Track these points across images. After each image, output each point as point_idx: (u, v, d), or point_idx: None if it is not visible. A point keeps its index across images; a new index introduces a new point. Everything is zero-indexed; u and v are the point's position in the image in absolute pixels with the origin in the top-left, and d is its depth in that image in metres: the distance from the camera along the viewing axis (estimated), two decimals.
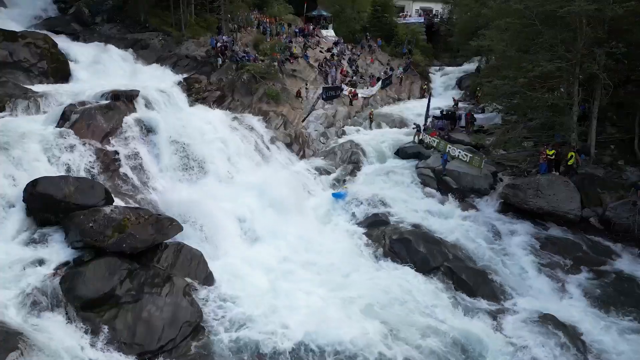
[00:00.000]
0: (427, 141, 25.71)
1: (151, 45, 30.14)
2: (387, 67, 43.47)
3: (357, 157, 25.47)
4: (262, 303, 13.72)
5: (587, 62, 19.16)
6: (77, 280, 12.02)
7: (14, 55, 22.71)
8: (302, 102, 30.21)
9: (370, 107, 34.93)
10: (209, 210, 16.69)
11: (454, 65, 50.17)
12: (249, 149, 22.91)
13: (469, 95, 38.52)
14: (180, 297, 12.87)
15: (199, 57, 29.94)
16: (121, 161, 17.92)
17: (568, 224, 18.81)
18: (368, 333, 12.68)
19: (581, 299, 15.12)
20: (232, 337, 12.32)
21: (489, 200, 21.28)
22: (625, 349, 12.88)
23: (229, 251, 16.16)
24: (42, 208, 14.00)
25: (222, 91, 27.31)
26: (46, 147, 16.43)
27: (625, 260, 16.92)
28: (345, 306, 13.95)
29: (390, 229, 18.65)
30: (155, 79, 26.40)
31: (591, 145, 20.95)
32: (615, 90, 19.79)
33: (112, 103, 19.71)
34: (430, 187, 22.41)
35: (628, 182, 19.33)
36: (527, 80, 19.94)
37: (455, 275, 15.96)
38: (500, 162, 23.73)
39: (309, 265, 16.45)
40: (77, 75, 24.90)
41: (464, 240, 18.10)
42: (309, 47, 38.10)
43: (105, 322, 11.54)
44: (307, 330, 12.51)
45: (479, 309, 14.55)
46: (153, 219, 14.17)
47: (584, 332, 13.55)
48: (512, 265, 16.84)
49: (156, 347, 11.62)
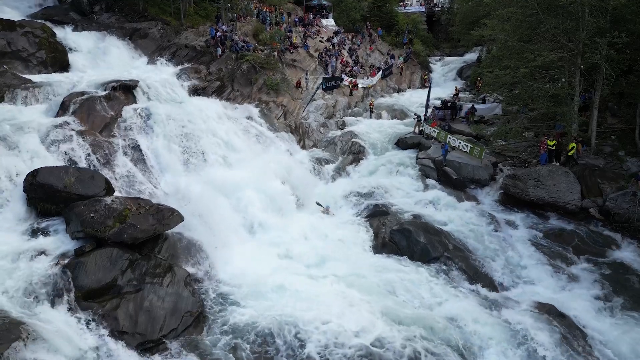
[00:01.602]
0: (427, 132, 25.65)
1: (150, 35, 29.94)
2: (388, 56, 43.23)
3: (357, 147, 25.43)
4: (263, 292, 13.82)
5: (589, 52, 19.05)
6: (79, 270, 12.06)
7: (12, 44, 22.57)
8: (302, 93, 30.09)
9: (370, 97, 34.81)
10: (209, 200, 16.68)
11: (455, 55, 49.90)
12: (249, 139, 22.85)
13: (470, 86, 38.36)
14: (182, 287, 12.92)
15: (198, 46, 29.76)
16: (121, 151, 17.89)
17: (568, 215, 18.83)
18: (367, 318, 12.83)
19: (580, 289, 15.19)
20: (234, 326, 12.40)
21: (489, 190, 21.29)
22: (624, 338, 12.98)
23: (230, 241, 16.17)
24: (43, 198, 14.01)
25: (222, 81, 27.19)
26: (46, 138, 16.41)
27: (624, 251, 16.96)
28: (346, 293, 14.08)
29: (391, 220, 18.68)
30: (154, 69, 26.30)
31: (592, 135, 20.92)
32: (616, 80, 19.71)
33: (111, 93, 19.64)
34: (430, 177, 22.40)
35: (628, 173, 19.34)
36: (529, 70, 19.84)
37: (456, 265, 16.03)
38: (501, 152, 23.71)
39: (310, 254, 16.51)
40: (75, 64, 24.82)
41: (464, 230, 18.15)
42: (309, 37, 37.85)
43: (107, 312, 11.61)
44: (308, 318, 12.62)
45: (479, 298, 14.64)
46: (154, 209, 14.17)
47: (583, 321, 13.65)
48: (512, 256, 16.91)
49: (158, 336, 11.71)
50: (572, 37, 19.44)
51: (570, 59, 19.78)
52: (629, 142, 20.76)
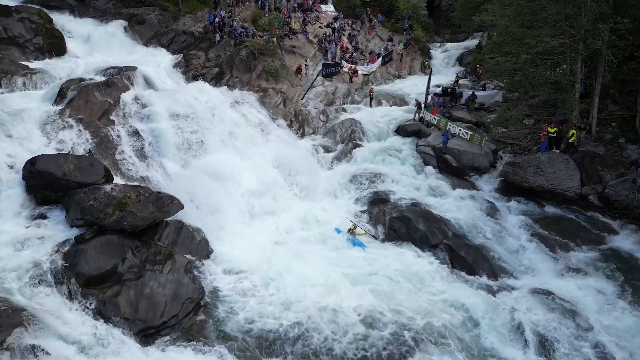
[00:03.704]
0: (427, 119, 25.54)
1: (147, 21, 29.59)
2: (388, 43, 42.84)
3: (357, 135, 25.32)
4: (263, 278, 13.91)
5: (591, 38, 18.87)
6: (79, 257, 12.11)
7: (9, 30, 22.34)
8: (301, 79, 29.88)
9: (370, 84, 34.56)
10: (209, 187, 16.68)
11: (456, 41, 49.38)
12: (248, 126, 22.72)
13: (470, 72, 38.08)
14: (182, 274, 12.97)
15: (197, 32, 29.45)
16: (120, 139, 17.81)
17: (567, 202, 18.86)
18: (365, 301, 13.01)
19: (579, 276, 15.25)
20: (235, 312, 12.51)
21: (489, 178, 21.29)
22: (623, 324, 13.07)
23: (230, 228, 16.21)
24: (42, 186, 13.99)
25: (221, 68, 26.97)
26: (44, 125, 16.32)
27: (623, 238, 17.00)
28: (345, 278, 14.21)
29: (390, 207, 18.71)
30: (152, 55, 26.09)
31: (592, 122, 20.84)
32: (618, 67, 19.56)
33: (109, 80, 19.49)
34: (430, 165, 22.37)
35: (628, 160, 19.30)
36: (530, 56, 19.68)
37: (455, 253, 16.10)
38: (501, 139, 23.62)
39: (309, 241, 16.60)
40: (73, 51, 24.57)
41: (463, 217, 18.19)
42: (308, 23, 37.41)
43: (107, 299, 11.68)
44: (308, 303, 12.72)
45: (478, 285, 14.74)
46: (153, 197, 14.17)
47: (582, 308, 13.71)
48: (511, 243, 16.97)
49: (159, 322, 11.79)
50: (573, 22, 19.23)
51: (572, 45, 19.61)
52: (630, 129, 20.69)
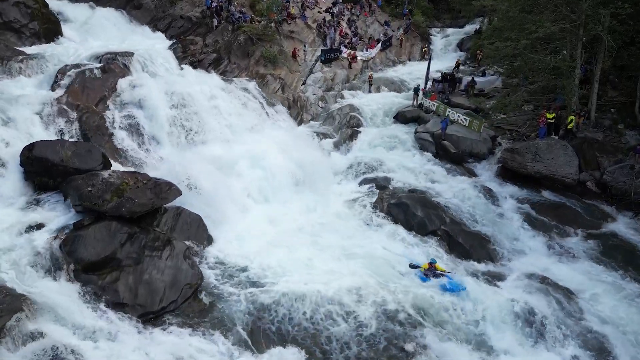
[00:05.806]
0: (426, 105, 25.43)
1: (144, 5, 29.28)
2: (387, 28, 42.47)
3: (356, 121, 25.22)
4: (262, 264, 13.99)
5: (591, 23, 18.73)
6: (78, 243, 12.15)
7: (4, 15, 22.05)
8: (300, 65, 29.66)
9: (369, 70, 34.34)
10: (207, 174, 16.65)
11: (456, 26, 48.98)
12: (246, 113, 22.62)
13: (470, 58, 37.84)
14: (181, 260, 13.04)
15: (194, 17, 29.12)
16: (117, 125, 17.75)
17: (565, 188, 18.91)
18: (362, 284, 13.21)
19: (576, 261, 15.39)
20: (233, 297, 12.58)
21: (488, 164, 21.30)
22: (618, 308, 13.22)
23: (228, 214, 16.24)
24: (40, 172, 13.98)
25: (218, 53, 26.75)
26: (41, 111, 16.25)
27: (620, 223, 17.14)
28: (342, 263, 14.39)
29: (389, 193, 18.74)
30: (149, 41, 25.84)
31: (592, 108, 20.78)
32: (618, 52, 19.45)
33: (106, 66, 19.36)
34: (428, 151, 22.35)
35: (627, 146, 19.30)
36: (530, 42, 19.55)
37: (452, 239, 16.18)
38: (500, 126, 23.58)
39: (308, 227, 16.66)
40: (69, 36, 24.29)
41: (461, 204, 18.24)
42: (307, 7, 37.04)
43: (106, 284, 11.75)
44: (306, 289, 12.79)
45: (474, 270, 14.84)
46: (151, 183, 14.17)
47: (578, 292, 13.85)
48: (509, 229, 17.05)
49: (158, 308, 11.88)
50: (574, 7, 19.07)
51: (572, 30, 19.46)
52: (629, 115, 20.64)
